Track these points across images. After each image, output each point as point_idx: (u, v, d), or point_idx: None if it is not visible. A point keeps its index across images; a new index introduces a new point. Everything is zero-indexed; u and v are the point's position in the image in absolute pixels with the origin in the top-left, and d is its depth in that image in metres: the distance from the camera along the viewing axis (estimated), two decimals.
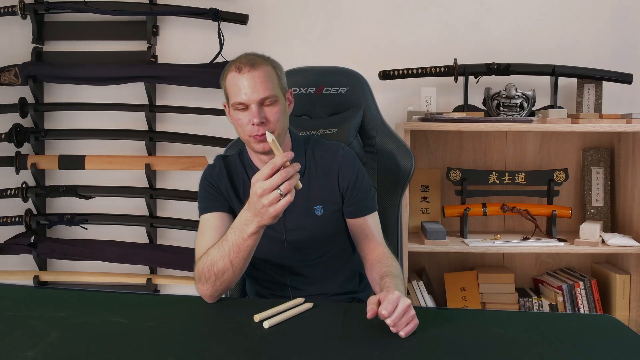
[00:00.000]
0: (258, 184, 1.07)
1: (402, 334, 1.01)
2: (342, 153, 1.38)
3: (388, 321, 1.01)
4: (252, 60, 1.27)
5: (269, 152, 1.30)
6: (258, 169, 1.35)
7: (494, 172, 2.28)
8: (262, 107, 1.26)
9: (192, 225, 2.40)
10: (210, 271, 1.19)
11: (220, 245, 1.18)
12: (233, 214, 1.36)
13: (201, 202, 1.36)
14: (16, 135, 2.38)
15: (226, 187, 1.36)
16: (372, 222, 1.38)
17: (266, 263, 1.40)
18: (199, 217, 1.36)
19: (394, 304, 1.01)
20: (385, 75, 2.29)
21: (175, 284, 2.48)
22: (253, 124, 1.25)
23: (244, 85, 1.25)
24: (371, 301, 1.05)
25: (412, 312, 1.03)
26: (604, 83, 2.27)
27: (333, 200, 1.37)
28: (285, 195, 1.05)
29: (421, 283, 2.21)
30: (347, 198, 1.37)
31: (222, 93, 1.35)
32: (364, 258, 1.38)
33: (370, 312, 1.03)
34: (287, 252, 1.37)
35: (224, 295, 1.51)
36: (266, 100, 1.26)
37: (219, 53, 2.34)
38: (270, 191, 1.05)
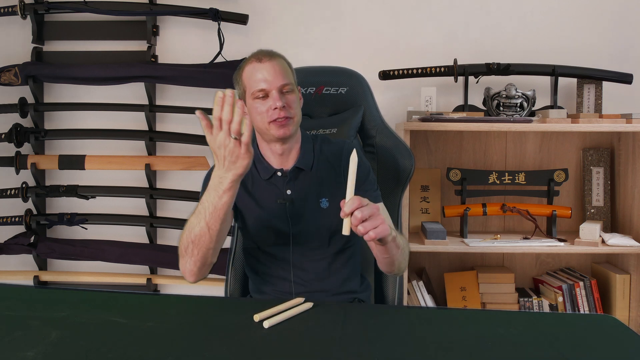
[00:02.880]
0: (215, 141, 1.13)
1: (371, 234, 1.07)
2: (347, 148, 1.42)
3: (356, 213, 1.06)
4: (270, 53, 1.36)
5: (287, 139, 1.35)
6: (267, 162, 1.39)
7: (494, 172, 2.28)
8: (283, 94, 1.32)
9: None
10: (187, 239, 1.23)
11: (197, 211, 1.21)
12: (235, 209, 1.38)
13: (204, 190, 1.37)
14: (16, 135, 2.38)
15: None
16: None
17: (270, 256, 1.41)
18: None
19: (360, 202, 1.07)
20: (385, 75, 2.29)
21: (175, 284, 2.48)
22: (275, 109, 1.29)
23: (263, 74, 1.31)
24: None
25: (381, 216, 1.10)
26: (604, 83, 2.27)
27: (339, 194, 1.37)
28: (234, 134, 1.10)
29: (421, 283, 2.21)
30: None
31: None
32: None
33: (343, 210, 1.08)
34: (292, 245, 1.38)
35: (223, 295, 1.51)
36: (285, 87, 1.32)
37: (219, 53, 2.34)
38: (225, 143, 1.12)
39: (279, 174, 1.39)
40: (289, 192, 1.38)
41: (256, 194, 1.39)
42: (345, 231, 1.09)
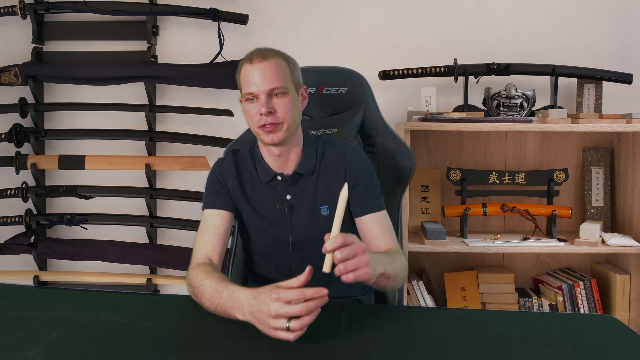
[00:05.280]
0: (276, 304, 0.97)
1: (350, 276, 0.99)
2: (350, 152, 1.38)
3: (335, 254, 0.98)
4: (264, 53, 1.30)
5: (279, 144, 1.30)
6: (267, 164, 1.36)
7: (494, 172, 2.28)
8: (271, 98, 1.27)
9: (192, 225, 2.40)
10: (198, 296, 1.16)
11: (215, 289, 1.12)
12: (236, 212, 1.37)
13: (206, 196, 1.37)
14: (16, 135, 2.38)
15: (233, 183, 1.37)
16: (380, 221, 1.35)
17: (270, 262, 1.40)
18: (202, 210, 1.37)
19: (345, 241, 0.99)
20: (385, 75, 2.29)
21: (175, 284, 2.48)
22: (261, 114, 1.26)
23: (254, 76, 1.27)
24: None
25: (366, 257, 1.01)
26: (604, 83, 2.27)
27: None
28: (293, 331, 0.95)
29: (421, 283, 2.21)
30: (353, 196, 1.35)
31: (222, 93, 1.36)
32: None
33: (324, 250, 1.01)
34: (291, 251, 1.37)
35: None
36: (275, 91, 1.27)
37: (219, 53, 2.34)
38: (279, 316, 0.96)
39: (279, 177, 1.36)
40: (288, 197, 1.35)
41: (255, 198, 1.37)
42: (326, 268, 1.00)
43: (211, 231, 1.31)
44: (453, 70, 2.27)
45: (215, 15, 2.32)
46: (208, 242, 1.28)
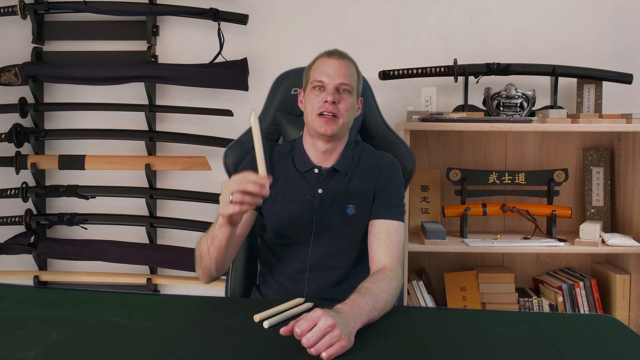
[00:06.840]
0: (231, 180, 1.10)
1: (324, 355, 0.92)
2: (385, 160, 1.44)
3: (303, 341, 0.93)
4: (343, 53, 1.41)
5: (330, 137, 1.36)
6: (307, 156, 1.41)
7: (494, 172, 2.28)
8: (338, 92, 1.35)
9: (192, 225, 2.40)
10: (198, 250, 1.29)
11: (209, 230, 1.27)
12: (258, 209, 1.40)
13: None
14: (16, 135, 2.38)
15: None
16: (390, 231, 1.35)
17: (289, 254, 1.40)
18: None
19: (312, 322, 0.94)
20: (385, 75, 2.29)
21: (175, 284, 2.48)
22: (325, 102, 1.33)
23: (328, 68, 1.35)
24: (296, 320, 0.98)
25: (337, 332, 0.94)
26: (604, 83, 2.27)
27: (366, 204, 1.39)
28: (235, 203, 1.08)
29: (421, 283, 2.21)
30: (376, 199, 1.39)
31: (222, 93, 1.35)
32: (370, 267, 1.34)
33: (283, 329, 0.97)
34: (311, 245, 1.38)
35: (223, 296, 1.52)
36: (343, 86, 1.35)
37: (219, 53, 2.34)
38: (226, 192, 1.09)
39: (316, 170, 1.40)
40: (320, 190, 1.38)
41: (286, 186, 1.40)
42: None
43: None
44: (453, 70, 2.27)
45: (215, 15, 2.32)
46: None
